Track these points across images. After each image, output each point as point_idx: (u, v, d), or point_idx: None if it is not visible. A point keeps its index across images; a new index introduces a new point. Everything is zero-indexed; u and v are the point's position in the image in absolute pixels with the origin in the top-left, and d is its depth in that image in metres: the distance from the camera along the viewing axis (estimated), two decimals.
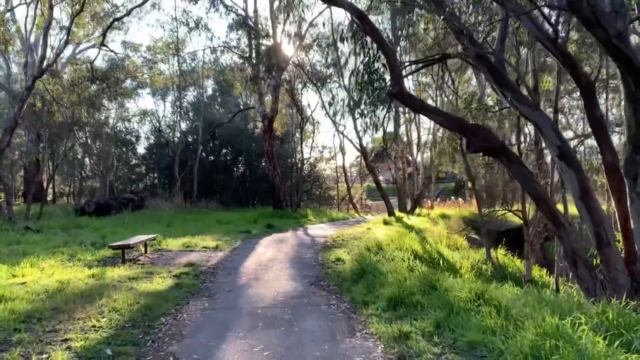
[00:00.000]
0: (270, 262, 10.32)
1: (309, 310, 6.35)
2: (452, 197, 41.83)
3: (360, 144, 24.48)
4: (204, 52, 47.39)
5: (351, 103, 23.80)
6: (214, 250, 12.25)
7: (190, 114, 40.29)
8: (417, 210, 25.64)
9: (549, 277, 11.49)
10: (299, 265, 10.10)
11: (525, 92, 9.39)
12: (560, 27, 9.01)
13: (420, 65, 9.32)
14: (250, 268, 9.61)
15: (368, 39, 8.32)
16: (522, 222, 16.91)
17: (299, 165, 31.97)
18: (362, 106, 10.71)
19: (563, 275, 10.76)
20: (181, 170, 33.76)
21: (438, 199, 40.99)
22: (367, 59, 8.42)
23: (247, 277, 8.68)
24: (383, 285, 6.95)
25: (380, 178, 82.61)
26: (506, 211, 12.24)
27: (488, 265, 10.94)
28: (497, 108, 11.30)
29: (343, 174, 41.57)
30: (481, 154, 8.65)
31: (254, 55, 26.59)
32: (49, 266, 8.98)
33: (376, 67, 8.56)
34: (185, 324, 5.72)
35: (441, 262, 10.35)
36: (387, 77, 8.52)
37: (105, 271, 8.55)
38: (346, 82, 24.59)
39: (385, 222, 19.59)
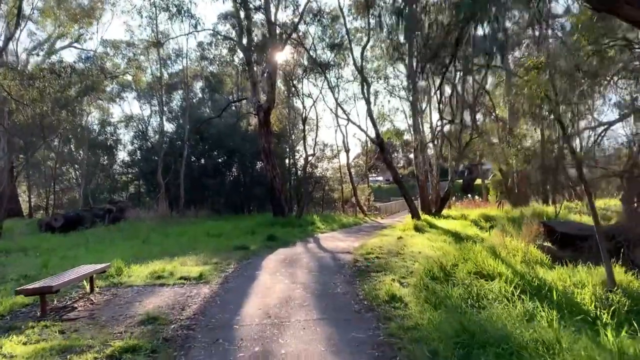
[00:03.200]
0: (284, 308, 6.30)
1: None
2: (469, 195, 38.12)
3: (377, 133, 20.35)
4: (187, 38, 43.85)
5: (364, 85, 19.90)
6: (195, 282, 8.22)
7: (179, 113, 36.28)
8: (445, 212, 21.74)
9: None
10: (333, 312, 6.08)
11: None
12: None
13: None
14: (253, 324, 5.58)
15: None
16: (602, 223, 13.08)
17: (304, 163, 27.77)
18: None
19: None
20: (166, 176, 29.76)
21: (454, 198, 37.19)
22: None
23: (249, 351, 4.66)
24: None
25: (380, 179, 78.56)
26: None
27: (618, 295, 6.97)
28: None
29: (347, 174, 37.73)
30: None
31: (245, 36, 22.56)
32: None
33: None
34: None
35: (554, 294, 6.40)
36: None
37: None
38: (358, 59, 20.65)
39: (417, 228, 15.67)
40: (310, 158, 29.78)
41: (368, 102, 20.04)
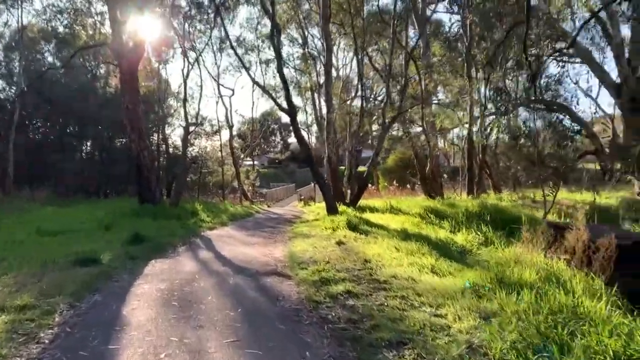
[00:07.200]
0: None
1: None
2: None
3: (289, 99, 15.03)
4: None
5: (274, 31, 14.94)
6: None
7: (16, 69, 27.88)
8: (362, 202, 17.73)
9: None
10: None
11: None
12: None
13: None
14: None
15: None
16: None
17: (184, 134, 21.82)
18: None
19: None
20: None
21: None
22: None
23: None
24: None
25: (256, 163, 74.24)
26: None
27: None
28: None
29: (230, 154, 32.49)
30: None
31: None
32: None
33: None
34: None
35: None
36: None
37: None
38: None
39: (353, 226, 11.26)
40: (192, 129, 23.89)
41: (279, 56, 14.89)
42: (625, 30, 22.20)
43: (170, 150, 28.09)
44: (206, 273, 6.95)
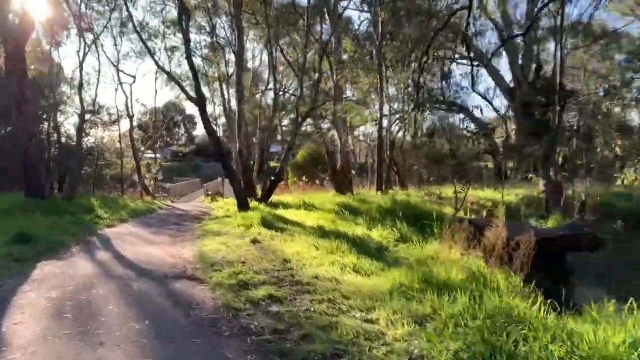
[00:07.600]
0: None
1: None
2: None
3: (197, 87, 14.06)
4: None
5: (183, 16, 13.96)
6: None
7: None
8: (274, 198, 17.29)
9: None
10: None
11: None
12: None
13: None
14: None
15: None
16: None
17: (80, 122, 19.92)
18: None
19: None
20: None
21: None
22: None
23: None
24: None
25: (158, 156, 71.22)
26: None
27: None
28: None
29: (130, 146, 30.59)
30: None
31: None
32: None
33: None
34: None
35: None
36: None
37: None
38: None
39: (267, 223, 10.82)
40: (88, 117, 21.97)
41: (187, 41, 13.81)
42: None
43: (63, 140, 25.74)
44: (105, 277, 6.15)
